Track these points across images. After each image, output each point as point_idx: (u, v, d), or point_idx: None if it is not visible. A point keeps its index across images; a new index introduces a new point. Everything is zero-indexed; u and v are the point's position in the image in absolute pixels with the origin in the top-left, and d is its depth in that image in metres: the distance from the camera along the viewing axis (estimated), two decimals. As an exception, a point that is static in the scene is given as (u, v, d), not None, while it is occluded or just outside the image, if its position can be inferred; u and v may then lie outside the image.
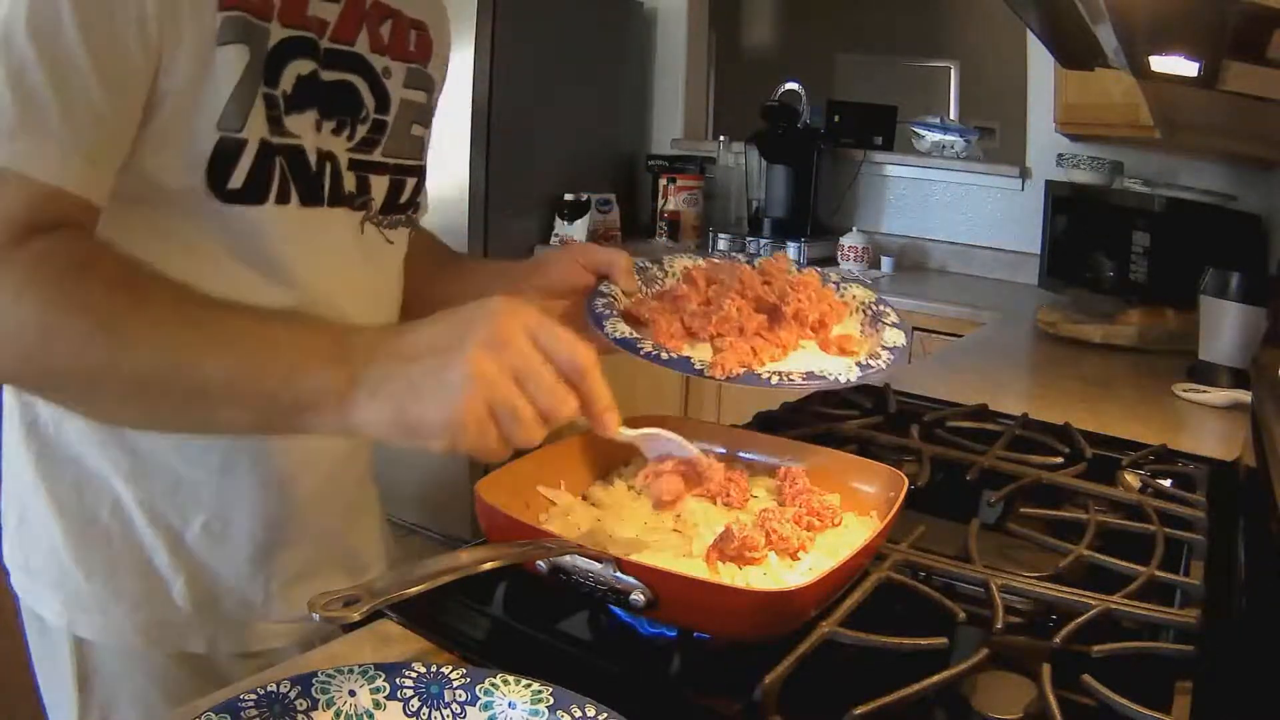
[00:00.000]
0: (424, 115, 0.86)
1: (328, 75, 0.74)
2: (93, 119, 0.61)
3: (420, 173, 0.87)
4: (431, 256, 0.97)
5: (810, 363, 0.79)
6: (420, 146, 0.86)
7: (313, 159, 0.74)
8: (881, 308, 0.86)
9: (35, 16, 0.59)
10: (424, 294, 0.92)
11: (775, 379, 0.73)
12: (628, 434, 0.67)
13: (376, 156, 0.80)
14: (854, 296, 0.88)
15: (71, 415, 0.74)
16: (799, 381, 0.74)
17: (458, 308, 0.59)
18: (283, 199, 0.72)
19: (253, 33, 0.67)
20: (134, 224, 0.68)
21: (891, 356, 0.79)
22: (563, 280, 0.85)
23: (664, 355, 0.73)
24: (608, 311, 0.79)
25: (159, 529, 0.77)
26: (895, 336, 0.82)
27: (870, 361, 0.78)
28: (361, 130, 0.78)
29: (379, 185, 0.81)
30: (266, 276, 0.73)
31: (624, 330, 0.76)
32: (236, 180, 0.69)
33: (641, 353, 0.73)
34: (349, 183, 0.78)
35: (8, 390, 0.79)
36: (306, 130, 0.73)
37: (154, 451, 0.76)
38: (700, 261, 0.88)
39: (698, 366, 0.73)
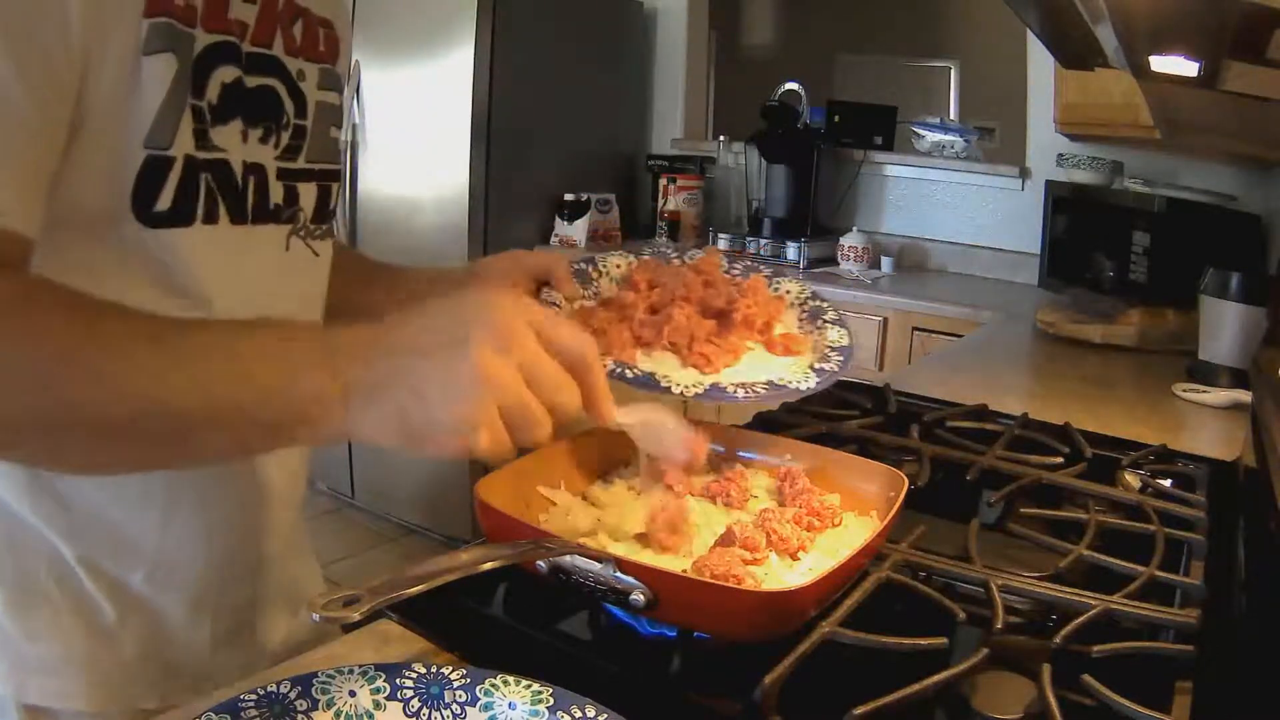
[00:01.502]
0: (337, 117, 0.81)
1: (250, 81, 0.69)
2: (23, 141, 0.55)
3: (338, 178, 0.83)
4: (358, 265, 0.94)
5: (764, 369, 0.81)
6: (337, 150, 0.82)
7: (239, 173, 0.69)
8: (817, 303, 0.87)
9: None
10: (354, 302, 0.88)
11: (741, 392, 0.74)
12: (625, 421, 0.66)
13: (301, 164, 0.76)
14: (788, 291, 0.89)
15: (7, 475, 0.69)
16: (763, 393, 0.76)
17: (449, 299, 0.56)
18: (209, 219, 0.67)
19: (179, 40, 0.62)
20: (43, 252, 0.60)
21: (842, 358, 0.81)
22: (501, 287, 0.82)
23: (629, 374, 0.73)
24: None
25: (100, 583, 0.72)
26: (839, 335, 0.83)
27: (823, 366, 0.80)
28: (285, 137, 0.74)
29: (308, 194, 0.77)
30: (186, 303, 0.67)
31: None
32: (164, 202, 0.63)
33: (607, 371, 0.71)
34: (276, 194, 0.73)
35: None
36: (232, 142, 0.68)
37: (91, 506, 0.71)
38: (633, 259, 0.88)
39: (664, 384, 0.73)
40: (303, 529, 0.90)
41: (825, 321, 0.85)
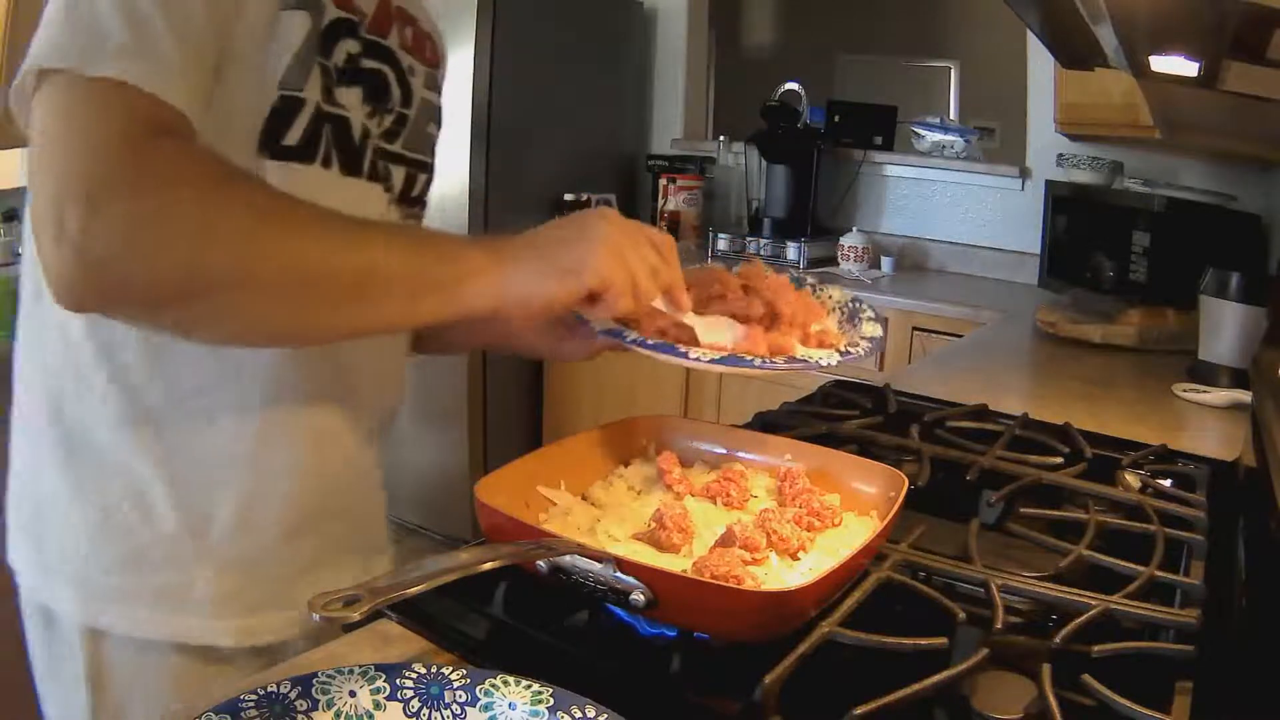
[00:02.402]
0: (437, 116, 0.91)
1: (367, 62, 0.78)
2: (195, 44, 0.64)
3: (430, 170, 0.91)
4: None
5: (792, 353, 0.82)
6: (432, 145, 0.90)
7: (356, 132, 0.78)
8: (858, 305, 0.90)
9: None
10: None
11: (758, 362, 0.77)
12: (693, 318, 0.77)
13: (397, 147, 0.84)
14: (830, 297, 0.92)
15: (101, 408, 0.74)
16: (780, 365, 0.78)
17: (565, 216, 0.72)
18: (327, 163, 0.76)
19: (311, 4, 0.72)
20: None
21: (870, 345, 0.83)
22: None
23: (649, 341, 0.78)
24: None
25: (186, 515, 0.76)
26: (872, 329, 0.86)
27: (849, 349, 0.82)
28: (388, 120, 0.82)
29: (397, 175, 0.85)
30: None
31: (609, 323, 0.80)
32: (292, 137, 0.72)
33: (627, 340, 0.77)
34: (378, 166, 0.82)
35: (29, 383, 0.78)
36: (354, 105, 0.77)
37: (185, 442, 0.75)
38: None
39: (681, 351, 0.76)
40: (380, 485, 0.96)
41: (862, 318, 0.88)
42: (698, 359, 0.75)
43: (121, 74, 0.60)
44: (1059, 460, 1.04)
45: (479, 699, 0.55)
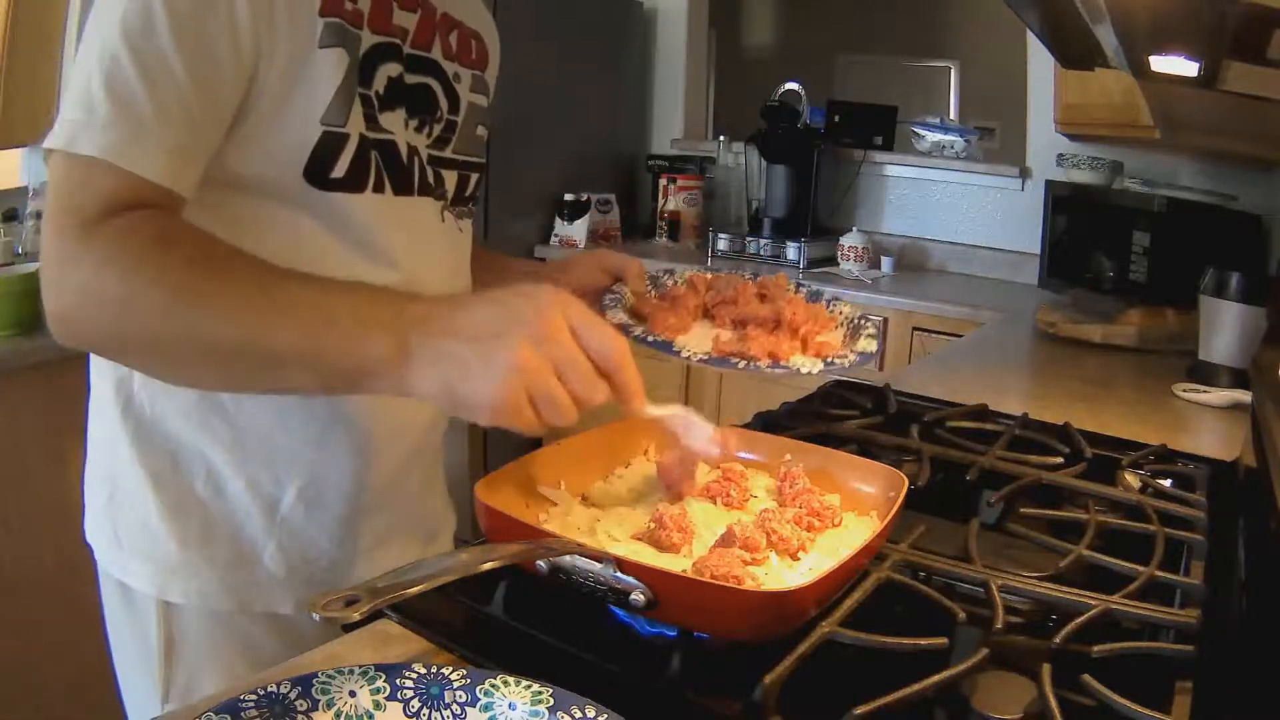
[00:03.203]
0: (484, 117, 0.94)
1: (410, 79, 0.81)
2: (184, 117, 0.66)
3: (483, 169, 0.94)
4: (479, 251, 1.04)
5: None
6: (482, 146, 0.94)
7: (404, 152, 0.80)
8: (863, 321, 0.93)
9: (129, 20, 0.65)
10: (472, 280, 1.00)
11: (742, 363, 0.81)
12: (655, 411, 0.72)
13: (449, 154, 0.87)
14: (840, 311, 0.95)
15: (168, 393, 0.79)
16: (764, 368, 0.81)
17: (508, 290, 0.65)
18: (379, 188, 0.78)
19: (348, 38, 0.74)
20: (235, 213, 0.74)
21: (857, 358, 0.85)
22: (582, 281, 0.94)
23: (650, 338, 0.83)
24: (611, 304, 0.91)
25: (254, 496, 0.82)
26: (867, 344, 0.89)
27: (834, 360, 0.84)
28: (437, 129, 0.85)
29: (450, 179, 0.88)
30: (368, 258, 0.79)
31: (620, 318, 0.87)
32: (339, 170, 0.75)
33: (631, 335, 0.82)
34: (429, 176, 0.85)
35: (101, 373, 0.84)
36: (397, 127, 0.80)
37: (254, 422, 0.80)
38: (708, 274, 0.97)
39: (675, 348, 0.82)
40: (440, 467, 1.01)
41: (863, 334, 0.91)
42: (689, 357, 0.81)
43: (100, 151, 0.64)
44: (1059, 460, 1.04)
45: (479, 699, 0.55)
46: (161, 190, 0.66)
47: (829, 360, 0.85)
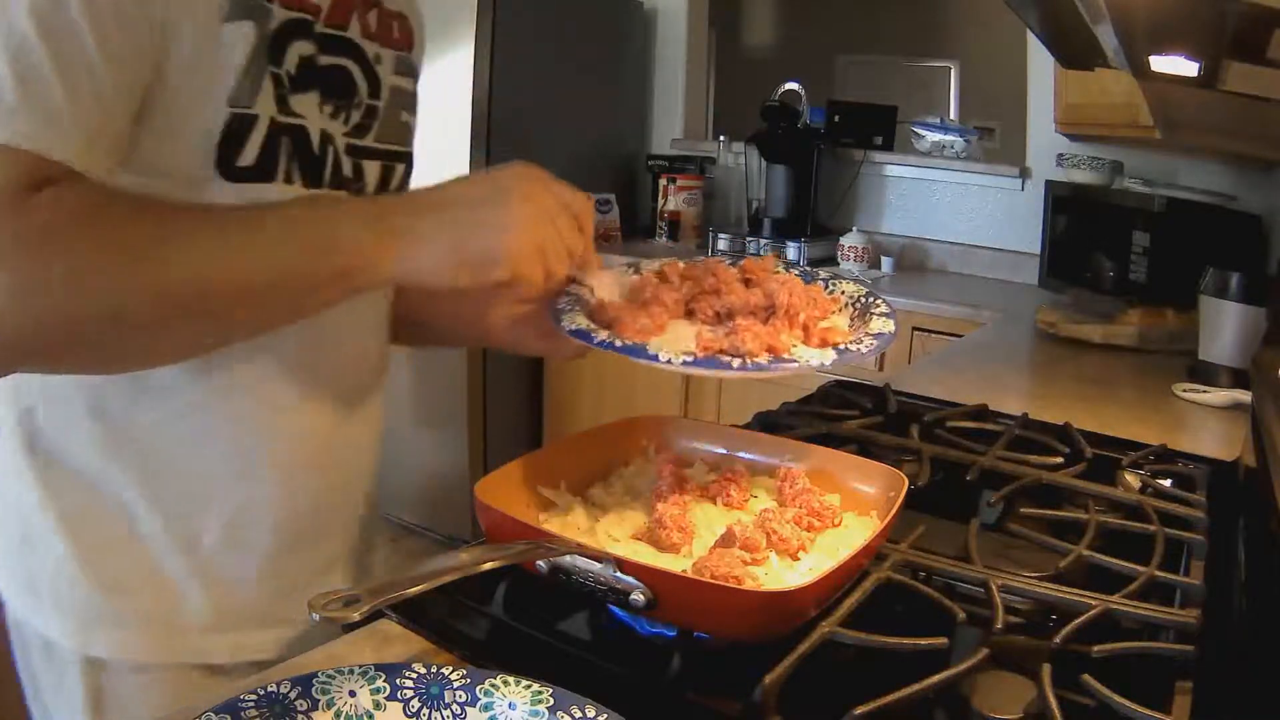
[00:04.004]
0: (410, 102, 0.86)
1: (324, 59, 0.74)
2: (94, 96, 0.60)
3: (409, 160, 0.86)
4: None
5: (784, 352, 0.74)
6: (408, 133, 0.86)
7: (315, 140, 0.74)
8: (872, 299, 0.82)
9: None
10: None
11: (736, 363, 0.70)
12: (602, 277, 0.77)
13: (369, 142, 0.80)
14: (844, 292, 0.84)
15: (75, 424, 0.72)
16: (763, 365, 0.70)
17: (475, 172, 0.68)
18: (288, 179, 0.72)
19: (257, 11, 0.68)
20: None
21: (875, 341, 0.74)
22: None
23: (618, 343, 0.71)
24: (567, 307, 0.77)
25: (174, 536, 0.75)
26: (882, 324, 0.77)
27: (847, 346, 0.74)
28: (356, 115, 0.78)
29: (371, 171, 0.81)
30: None
31: (579, 323, 0.74)
32: (247, 157, 0.69)
33: (595, 341, 0.72)
34: (346, 167, 0.78)
35: (2, 404, 0.75)
36: (310, 111, 0.73)
37: (168, 453, 0.74)
38: (680, 264, 0.84)
39: (652, 352, 0.70)
40: (371, 489, 0.93)
41: (873, 314, 0.80)
42: (669, 360, 0.69)
43: (8, 137, 0.58)
44: (1059, 460, 1.04)
45: (479, 699, 0.55)
46: (75, 176, 0.60)
47: (841, 348, 0.73)
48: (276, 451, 0.77)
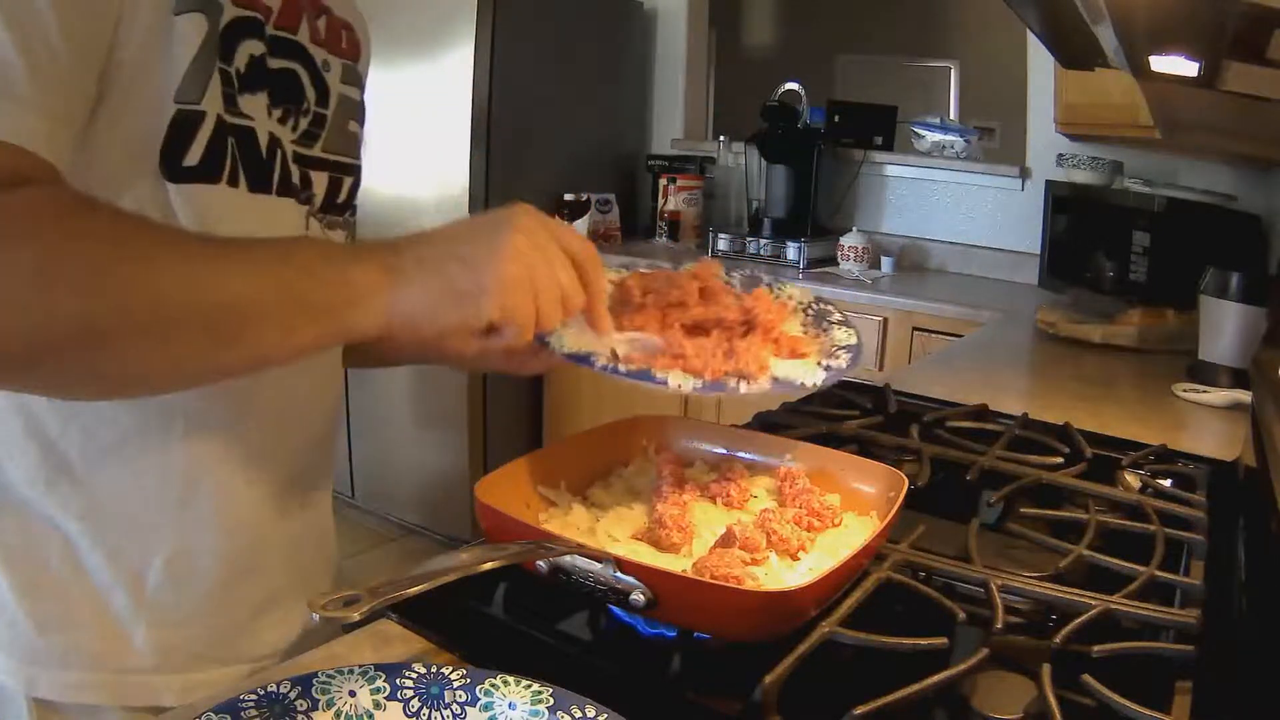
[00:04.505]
0: (358, 113, 0.83)
1: (275, 62, 0.72)
2: (58, 81, 0.58)
3: (357, 172, 0.84)
4: None
5: (771, 368, 0.75)
6: (356, 144, 0.83)
7: (264, 143, 0.70)
8: (823, 306, 0.84)
9: None
10: None
11: (744, 386, 0.71)
12: (618, 337, 0.71)
13: (317, 151, 0.77)
14: (790, 296, 0.84)
15: (10, 457, 0.68)
16: (767, 388, 0.72)
17: (476, 215, 0.65)
18: (233, 181, 0.68)
19: (208, 5, 0.65)
20: None
21: (850, 355, 0.77)
22: None
23: (621, 369, 0.70)
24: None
25: (117, 571, 0.71)
26: (846, 335, 0.80)
27: (831, 363, 0.76)
28: (304, 122, 0.75)
29: (319, 181, 0.78)
30: None
31: (571, 345, 0.71)
32: (193, 157, 0.65)
33: (596, 366, 0.69)
34: (294, 175, 0.75)
35: None
36: (259, 113, 0.70)
37: (107, 487, 0.70)
38: (625, 271, 0.82)
39: (660, 378, 0.70)
40: (323, 518, 0.89)
41: (831, 323, 0.82)
42: (678, 385, 0.70)
43: None
44: (1059, 460, 1.04)
45: (479, 699, 0.55)
46: (42, 164, 0.57)
47: (824, 364, 0.75)
48: (214, 481, 0.73)
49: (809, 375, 0.74)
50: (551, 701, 0.54)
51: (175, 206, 0.66)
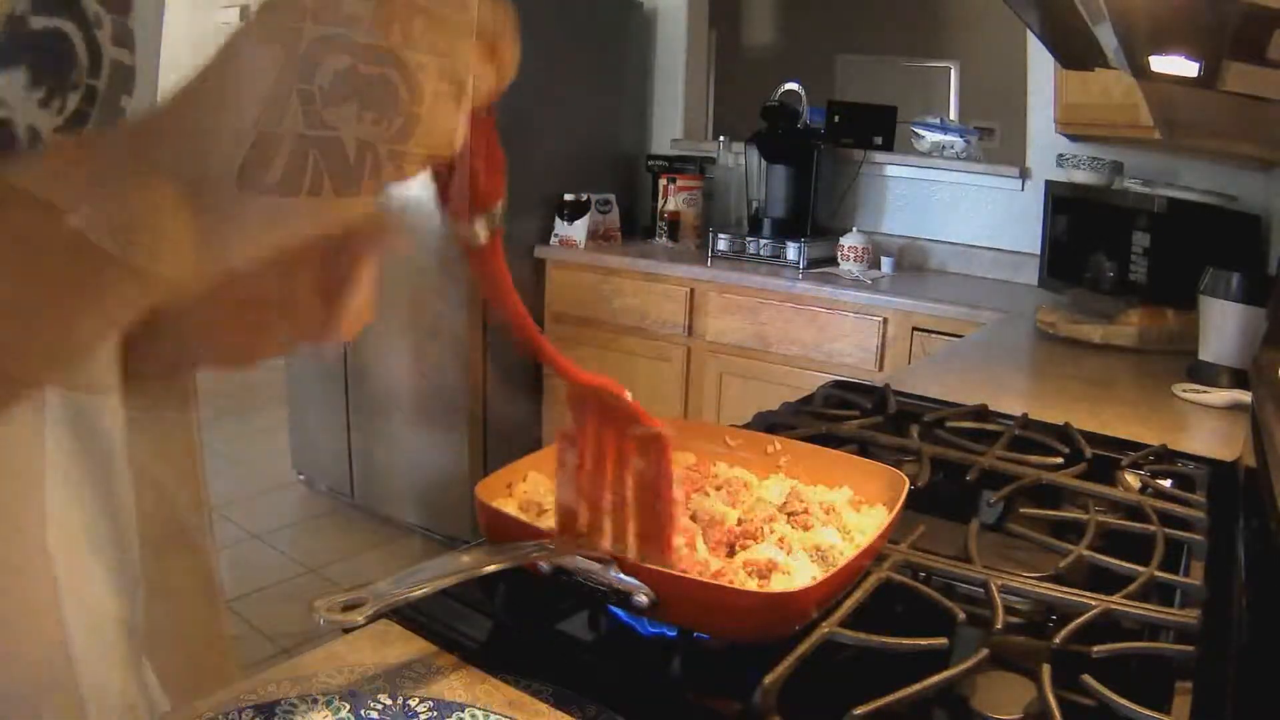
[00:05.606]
0: (130, 83, 0.61)
1: (36, 22, 0.52)
2: None
3: None
4: None
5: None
6: None
7: (22, 135, 0.52)
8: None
9: None
10: None
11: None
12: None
13: None
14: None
15: None
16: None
17: None
18: None
19: None
20: None
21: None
22: None
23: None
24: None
25: None
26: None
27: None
28: (73, 100, 0.55)
29: None
30: None
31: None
32: None
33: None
34: None
35: None
36: (15, 94, 0.52)
37: None
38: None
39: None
40: (132, 662, 0.61)
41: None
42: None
43: None
44: (1059, 460, 1.04)
45: None
46: None
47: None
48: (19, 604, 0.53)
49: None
50: None
51: None
